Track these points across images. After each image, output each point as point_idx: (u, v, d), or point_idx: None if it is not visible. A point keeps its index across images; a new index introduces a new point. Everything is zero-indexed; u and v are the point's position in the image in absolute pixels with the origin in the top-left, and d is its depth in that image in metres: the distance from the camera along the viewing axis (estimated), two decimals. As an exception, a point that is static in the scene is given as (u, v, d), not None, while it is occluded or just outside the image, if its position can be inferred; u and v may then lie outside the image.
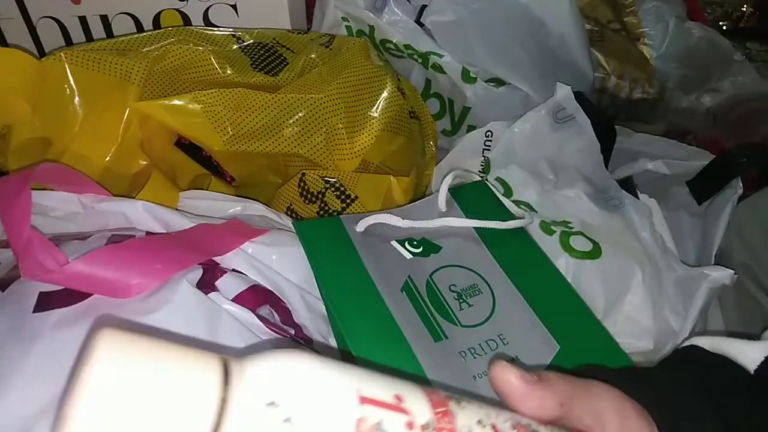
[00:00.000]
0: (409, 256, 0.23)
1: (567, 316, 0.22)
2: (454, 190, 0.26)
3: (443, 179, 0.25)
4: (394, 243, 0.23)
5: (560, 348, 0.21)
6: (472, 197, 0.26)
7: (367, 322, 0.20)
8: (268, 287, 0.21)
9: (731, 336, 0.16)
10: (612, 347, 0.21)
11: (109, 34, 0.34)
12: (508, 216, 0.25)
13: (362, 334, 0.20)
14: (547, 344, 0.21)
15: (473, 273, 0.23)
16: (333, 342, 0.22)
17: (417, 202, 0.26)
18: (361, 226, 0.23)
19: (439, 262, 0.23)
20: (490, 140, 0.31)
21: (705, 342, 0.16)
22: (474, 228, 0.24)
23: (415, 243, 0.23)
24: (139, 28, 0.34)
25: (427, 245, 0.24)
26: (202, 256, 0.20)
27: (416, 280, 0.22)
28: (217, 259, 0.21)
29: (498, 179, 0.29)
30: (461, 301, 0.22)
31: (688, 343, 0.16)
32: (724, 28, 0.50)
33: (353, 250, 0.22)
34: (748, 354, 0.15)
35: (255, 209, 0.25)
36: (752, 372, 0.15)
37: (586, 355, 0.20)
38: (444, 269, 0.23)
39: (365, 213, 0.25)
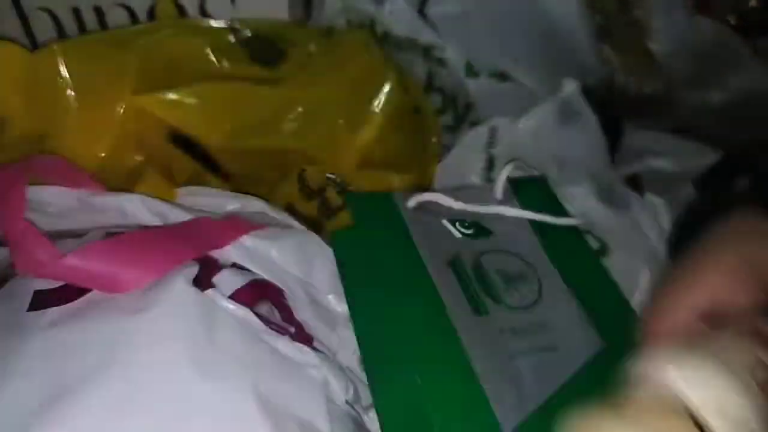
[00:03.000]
0: (458, 235, 0.23)
1: (614, 317, 0.22)
2: (512, 181, 0.26)
3: (503, 168, 0.25)
4: (444, 221, 0.23)
5: (604, 346, 0.20)
6: (530, 190, 0.26)
7: (407, 286, 0.20)
8: (268, 279, 0.21)
9: None
10: None
11: (104, 25, 0.33)
12: (564, 213, 0.25)
13: (403, 298, 0.20)
14: (591, 340, 0.21)
15: (522, 261, 0.23)
16: (337, 337, 0.22)
17: (473, 187, 0.26)
18: (412, 202, 0.23)
19: (488, 246, 0.23)
20: (495, 137, 0.30)
21: None
22: (528, 220, 0.24)
23: (466, 224, 0.23)
24: (134, 19, 0.33)
25: (478, 228, 0.23)
26: (200, 249, 0.20)
27: (464, 258, 0.22)
28: (215, 254, 0.21)
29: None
30: (507, 284, 0.22)
31: None
32: (732, 23, 0.49)
33: (402, 222, 0.22)
34: None
35: (254, 205, 0.24)
36: None
37: (629, 357, 0.21)
38: (493, 253, 0.23)
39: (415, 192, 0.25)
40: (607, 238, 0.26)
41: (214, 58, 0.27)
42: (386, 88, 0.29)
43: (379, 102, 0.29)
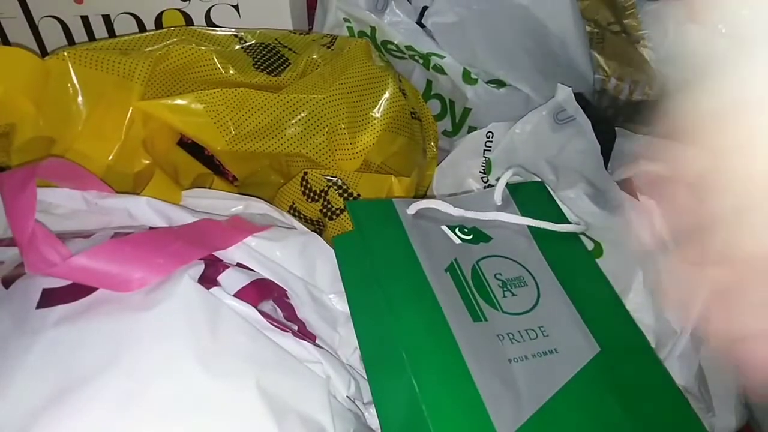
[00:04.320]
0: (458, 241, 0.23)
1: (611, 323, 0.22)
2: (511, 187, 0.26)
3: (502, 174, 0.26)
4: (443, 227, 0.23)
5: (601, 351, 0.21)
6: (529, 196, 0.26)
7: (407, 294, 0.20)
8: (272, 279, 0.21)
9: None
10: (652, 358, 0.21)
11: (112, 33, 0.34)
12: (563, 219, 0.25)
13: (401, 304, 0.20)
14: (588, 344, 0.21)
15: (520, 266, 0.23)
16: (339, 335, 0.22)
17: (472, 193, 0.26)
18: (412, 209, 0.23)
19: (487, 251, 0.23)
20: (491, 141, 0.31)
21: None
22: (527, 226, 0.24)
23: (465, 230, 0.23)
24: (142, 28, 0.34)
25: (478, 234, 0.24)
26: (204, 250, 0.20)
27: (462, 264, 0.22)
28: (219, 254, 0.21)
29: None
30: (505, 289, 0.22)
31: None
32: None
33: (401, 229, 0.22)
34: None
35: (258, 207, 0.25)
36: None
37: (625, 362, 0.21)
38: (491, 258, 0.23)
39: (416, 198, 0.25)
40: (601, 240, 0.26)
41: (219, 66, 0.28)
42: (386, 94, 0.30)
43: (379, 108, 0.29)
